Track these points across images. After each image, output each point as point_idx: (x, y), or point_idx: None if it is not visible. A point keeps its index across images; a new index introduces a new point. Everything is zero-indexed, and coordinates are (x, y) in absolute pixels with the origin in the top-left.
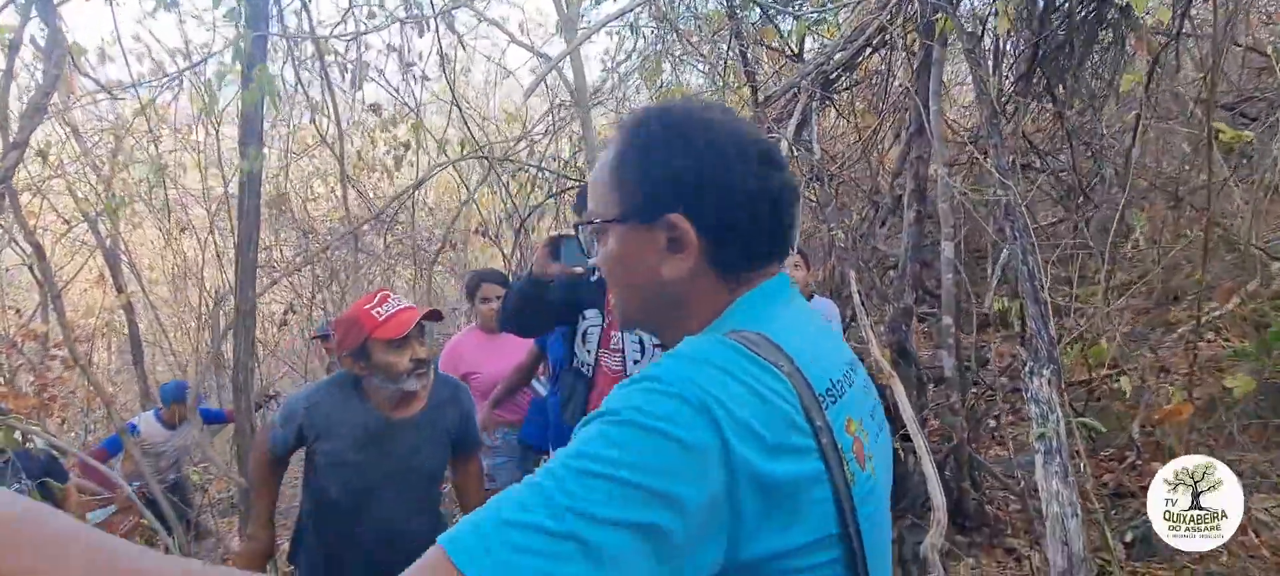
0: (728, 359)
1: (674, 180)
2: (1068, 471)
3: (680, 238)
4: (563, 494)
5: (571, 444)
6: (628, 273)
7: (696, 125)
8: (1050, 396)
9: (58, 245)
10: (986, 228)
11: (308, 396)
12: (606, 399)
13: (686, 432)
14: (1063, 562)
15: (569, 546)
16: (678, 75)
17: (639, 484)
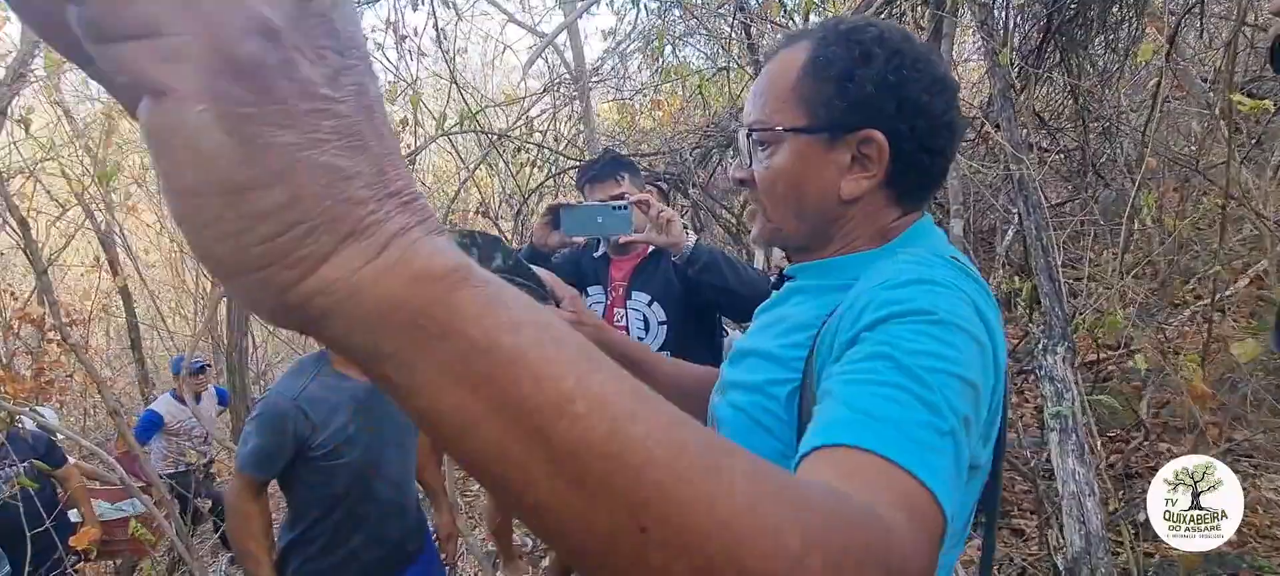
0: (963, 271)
1: (877, 97)
2: (1084, 450)
3: (872, 155)
4: (935, 393)
5: (900, 341)
6: (799, 187)
7: (912, 46)
8: (1065, 374)
9: (53, 228)
10: (996, 204)
11: (292, 395)
12: (899, 295)
13: (979, 332)
14: (1080, 542)
15: (949, 443)
16: (678, 51)
17: (970, 381)
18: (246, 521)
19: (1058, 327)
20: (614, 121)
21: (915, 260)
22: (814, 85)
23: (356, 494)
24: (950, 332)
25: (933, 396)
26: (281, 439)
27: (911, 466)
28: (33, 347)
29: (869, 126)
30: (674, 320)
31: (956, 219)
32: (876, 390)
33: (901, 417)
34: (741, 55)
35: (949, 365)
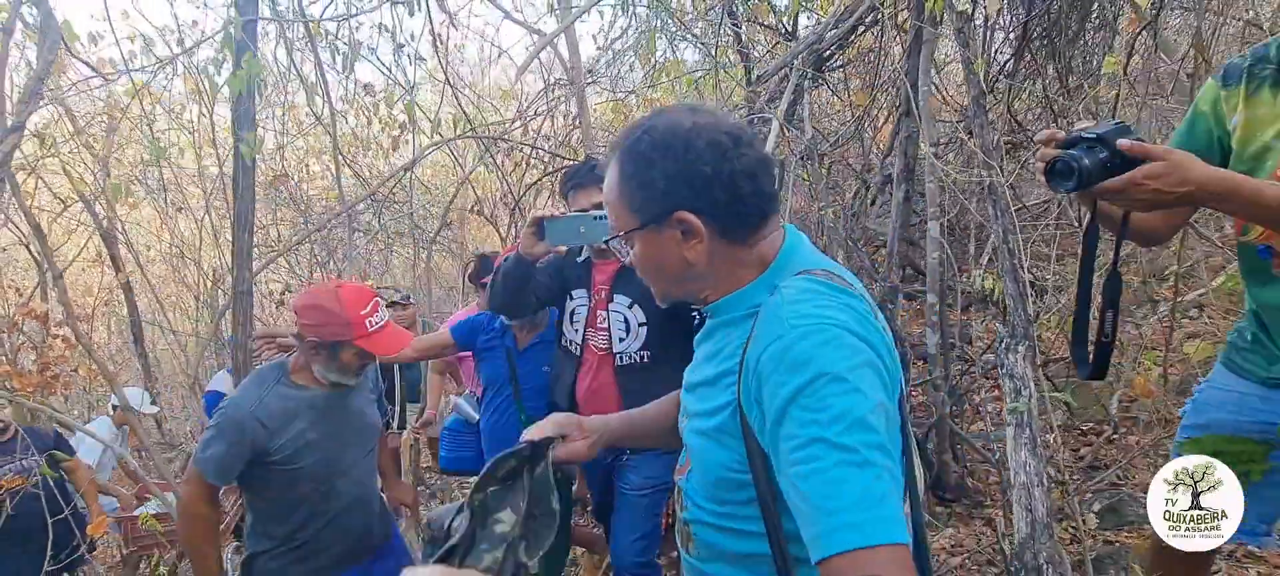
0: (835, 293)
1: (671, 186)
2: (1036, 443)
3: (691, 228)
4: (861, 451)
5: (821, 416)
6: (660, 267)
7: (674, 134)
8: (1024, 372)
9: (55, 225)
10: (970, 209)
11: (247, 404)
12: (799, 360)
13: (863, 353)
14: (1026, 528)
15: (886, 479)
16: (674, 48)
17: (875, 406)
18: (200, 522)
19: (1020, 327)
20: (609, 119)
21: (795, 305)
22: (627, 193)
23: (319, 493)
24: (847, 381)
25: (861, 455)
26: (238, 448)
27: (876, 540)
28: (38, 342)
29: (676, 209)
30: (653, 322)
31: (934, 221)
32: (825, 481)
33: (853, 499)
34: (732, 55)
35: (859, 412)
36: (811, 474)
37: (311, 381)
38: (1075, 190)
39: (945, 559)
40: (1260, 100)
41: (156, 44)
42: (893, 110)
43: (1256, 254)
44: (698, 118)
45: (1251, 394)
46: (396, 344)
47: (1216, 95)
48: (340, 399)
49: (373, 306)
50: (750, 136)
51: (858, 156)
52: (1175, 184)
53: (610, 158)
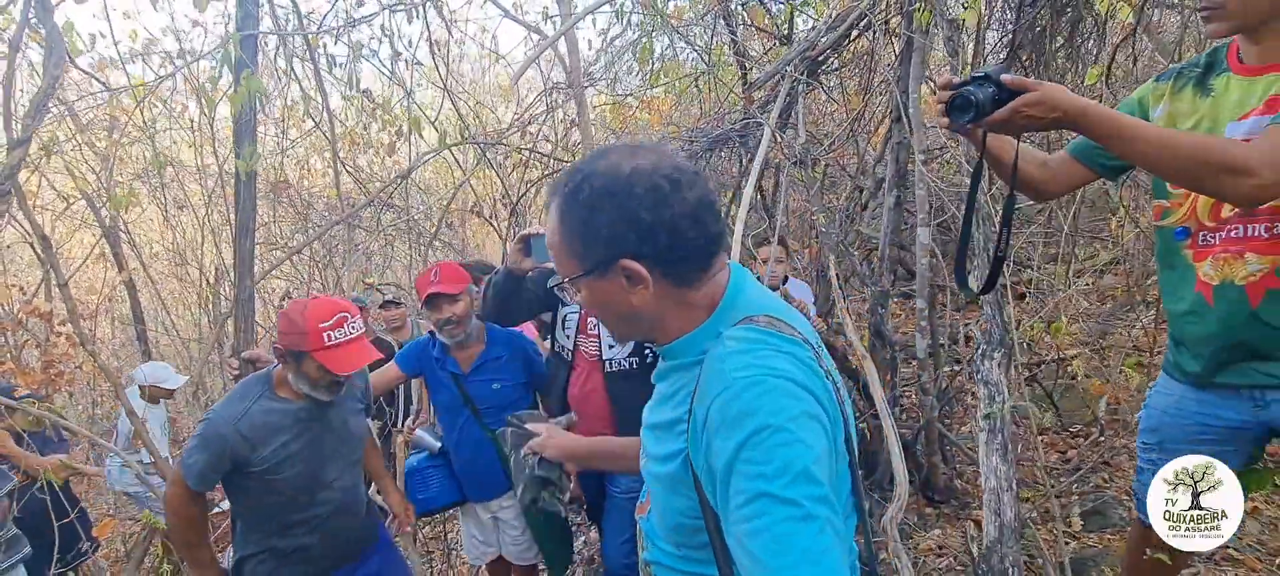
0: (777, 343)
1: (613, 233)
2: (1007, 449)
3: (635, 275)
4: (804, 504)
5: (765, 470)
6: (606, 310)
7: (614, 181)
8: (999, 378)
9: (58, 222)
10: (959, 214)
11: (229, 417)
12: (742, 413)
13: (804, 402)
14: (995, 532)
15: (828, 532)
16: (674, 47)
17: (817, 455)
18: (187, 521)
19: (996, 334)
20: (609, 120)
21: (737, 357)
22: (569, 240)
23: (302, 502)
24: (789, 431)
25: (805, 509)
26: (219, 460)
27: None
28: (41, 339)
29: (619, 257)
30: None
31: (923, 227)
32: (771, 537)
33: (797, 557)
34: (728, 57)
35: (801, 463)
36: (758, 531)
37: (294, 394)
38: (973, 121)
39: (931, 560)
40: (1183, 97)
41: (159, 43)
42: (887, 114)
43: (1173, 236)
44: (637, 161)
45: (1187, 397)
46: (352, 362)
47: (1149, 89)
48: (322, 411)
49: (337, 321)
50: (691, 177)
51: (852, 159)
52: (1047, 111)
53: (549, 203)
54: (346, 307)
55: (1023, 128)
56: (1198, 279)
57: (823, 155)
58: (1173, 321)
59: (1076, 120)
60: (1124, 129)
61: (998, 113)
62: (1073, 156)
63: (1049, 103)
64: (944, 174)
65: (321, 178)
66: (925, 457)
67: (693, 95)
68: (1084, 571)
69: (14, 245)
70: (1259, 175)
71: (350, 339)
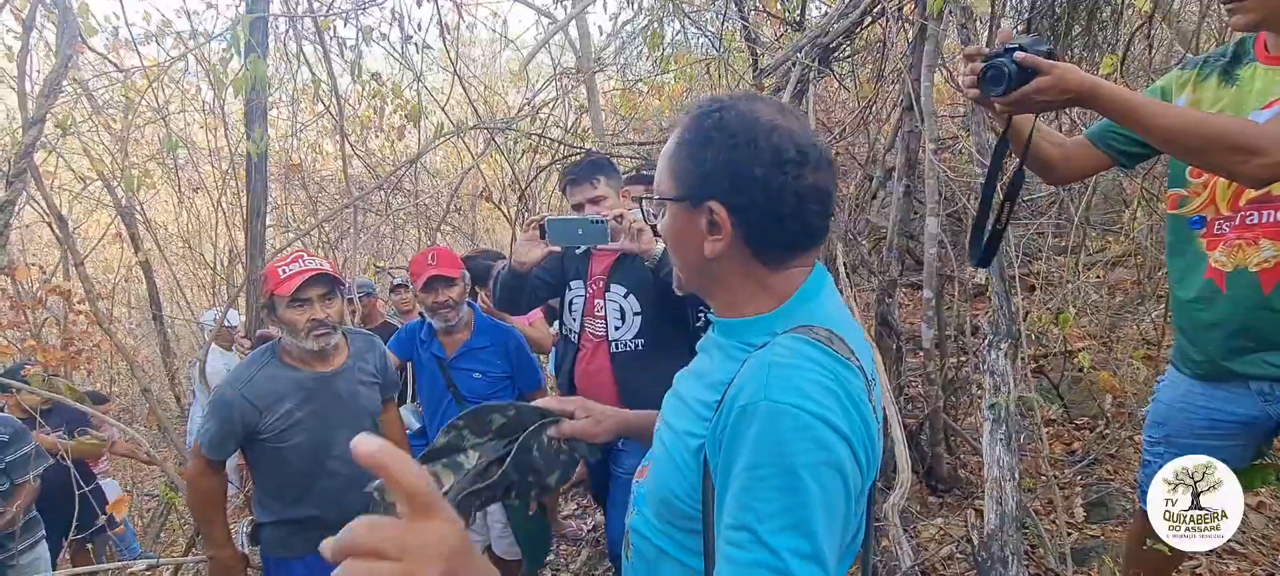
0: (828, 367)
1: (715, 173)
2: (1011, 439)
3: (717, 221)
4: (790, 552)
5: (759, 508)
6: (680, 244)
7: (744, 124)
8: (1005, 369)
9: (76, 203)
10: (969, 205)
11: (235, 383)
12: (767, 439)
13: (829, 447)
14: (995, 520)
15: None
16: (685, 31)
17: (811, 513)
18: (204, 495)
19: (1004, 325)
20: (619, 105)
21: (783, 371)
22: (679, 161)
23: (312, 470)
24: (799, 480)
25: (784, 563)
26: (230, 425)
27: None
28: (60, 317)
29: (711, 197)
30: (647, 311)
31: (932, 217)
32: (734, 571)
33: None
34: (739, 42)
35: (799, 513)
36: (731, 559)
37: (297, 362)
38: (1006, 93)
39: (934, 548)
40: (1207, 86)
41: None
42: (898, 102)
43: (1187, 225)
44: (779, 120)
45: (1195, 390)
46: (296, 279)
47: (1173, 77)
48: (327, 380)
49: (292, 259)
50: (820, 162)
51: (863, 147)
52: (1059, 93)
53: (680, 120)
54: (303, 253)
55: (1037, 108)
56: (1209, 266)
57: (833, 143)
58: (1180, 310)
59: (1087, 100)
60: (1134, 105)
61: (1011, 94)
62: (1089, 141)
63: (1059, 85)
64: (955, 164)
65: (334, 161)
66: (930, 446)
67: (704, 81)
68: (1085, 561)
69: (33, 225)
70: (1268, 154)
71: (301, 268)
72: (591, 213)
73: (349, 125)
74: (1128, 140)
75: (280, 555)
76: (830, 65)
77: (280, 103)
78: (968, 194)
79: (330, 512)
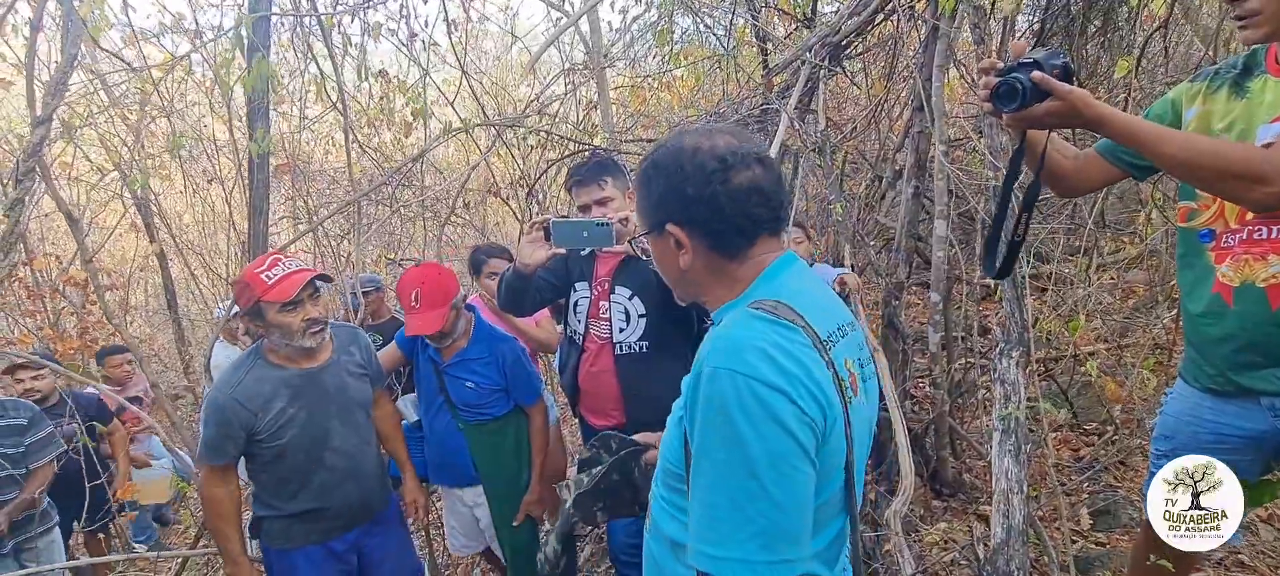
0: (764, 331)
1: (662, 202)
2: (1021, 450)
3: (678, 239)
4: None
5: (708, 462)
6: (662, 266)
7: (670, 156)
8: (1016, 378)
9: (93, 193)
10: (980, 208)
11: (225, 387)
12: (710, 398)
13: (777, 408)
14: (1002, 533)
15: (758, 521)
16: (697, 27)
17: (757, 465)
18: (212, 505)
19: (1015, 333)
20: (629, 101)
21: (723, 340)
22: (639, 202)
23: (307, 465)
24: (737, 431)
25: (737, 499)
26: (225, 429)
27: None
28: (77, 307)
29: (666, 221)
30: (651, 313)
31: (940, 219)
32: (701, 523)
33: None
34: (749, 39)
35: (743, 467)
36: (697, 502)
37: (283, 360)
38: (1019, 109)
39: (937, 553)
40: (1218, 98)
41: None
42: (909, 101)
43: (1197, 238)
44: (701, 141)
45: (1203, 404)
46: (295, 283)
47: (1184, 89)
48: (314, 375)
49: (269, 264)
50: (747, 162)
51: (873, 146)
52: (1067, 118)
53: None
54: (277, 254)
55: (1047, 127)
56: (1217, 280)
57: (842, 143)
58: (1190, 324)
59: (1094, 128)
60: (1141, 134)
61: (1022, 112)
62: (1101, 154)
63: (1069, 111)
64: (965, 165)
65: (342, 155)
66: (934, 450)
67: (714, 77)
68: (1090, 570)
69: (52, 214)
70: (1274, 183)
71: (288, 272)
72: (598, 214)
73: (357, 120)
74: (1137, 154)
75: (281, 546)
76: (841, 63)
77: (289, 96)
78: (978, 195)
79: (328, 504)
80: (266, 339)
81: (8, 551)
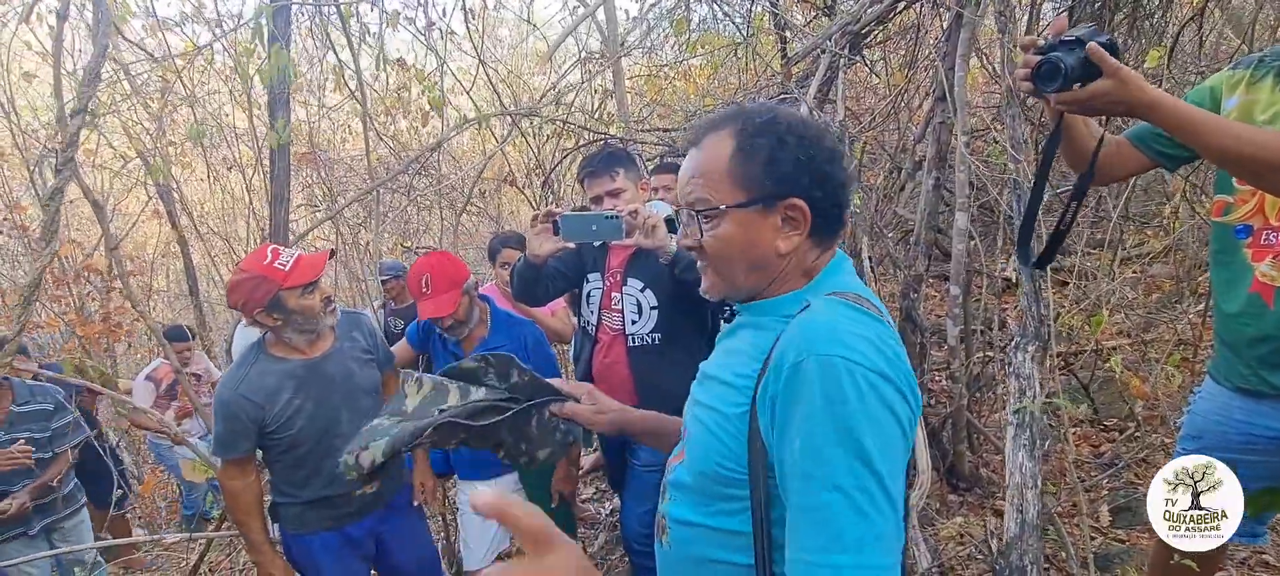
0: (863, 322)
1: (795, 172)
2: (1035, 445)
3: (798, 217)
4: (855, 488)
5: (823, 464)
6: (748, 247)
7: (806, 127)
8: (1032, 372)
9: (116, 180)
10: (1001, 200)
11: (231, 384)
12: (815, 382)
13: (884, 393)
14: (1016, 528)
15: (871, 519)
16: (714, 15)
17: (871, 453)
18: (234, 497)
19: (1032, 326)
20: (645, 90)
21: (833, 327)
22: (743, 165)
23: (319, 454)
24: (854, 424)
25: (851, 497)
26: (234, 423)
27: None
28: (101, 292)
29: (792, 195)
30: (664, 305)
31: (961, 211)
32: (817, 516)
33: (850, 540)
34: (768, 27)
35: (861, 461)
36: (804, 508)
37: (286, 352)
38: (1061, 89)
39: (953, 547)
40: (1262, 87)
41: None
42: (930, 92)
43: (1233, 234)
44: (818, 121)
45: (1233, 404)
46: (315, 265)
47: (1224, 77)
48: (317, 365)
49: (273, 254)
50: (844, 151)
51: (893, 137)
52: (1113, 102)
53: (709, 133)
54: (271, 246)
55: (1091, 111)
56: (1255, 278)
57: (862, 133)
58: (1223, 323)
59: (1142, 113)
60: (1197, 123)
61: (1068, 93)
62: (1131, 142)
63: (1118, 94)
64: (988, 155)
65: (359, 143)
66: (951, 444)
67: (731, 66)
68: (1109, 568)
69: (76, 200)
70: None
71: (299, 256)
72: (609, 205)
73: (374, 108)
74: (1173, 144)
75: (297, 531)
76: (861, 52)
77: (308, 84)
78: (999, 187)
79: (341, 490)
80: (281, 331)
81: (37, 532)
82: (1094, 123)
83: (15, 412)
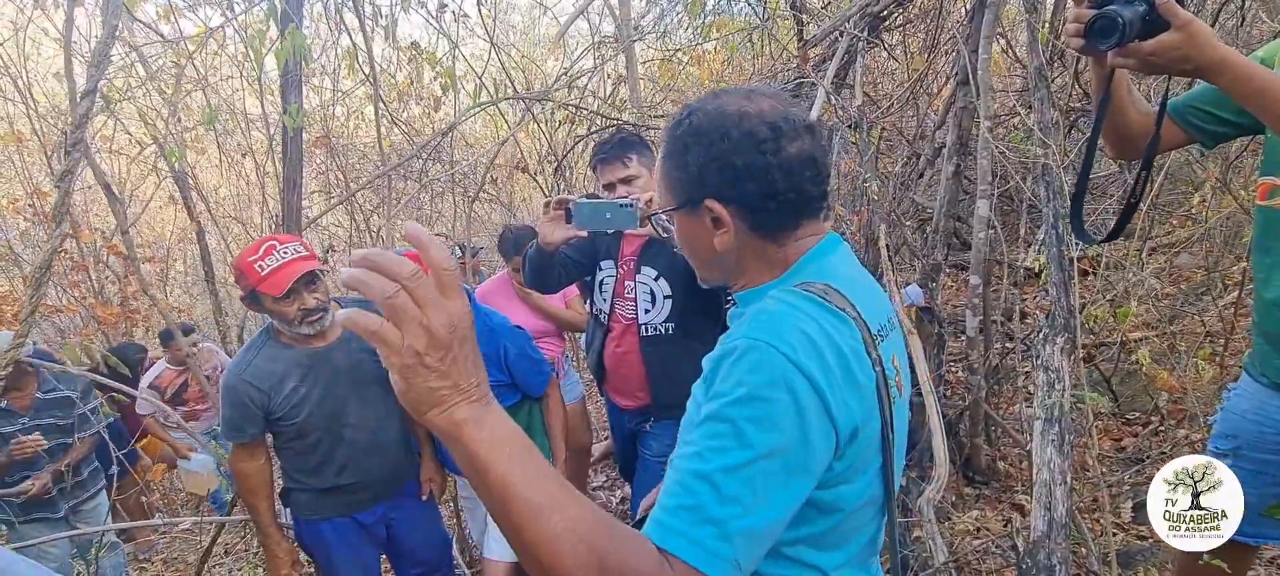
0: (814, 313)
1: (702, 174)
2: (1064, 441)
3: (718, 217)
4: (725, 499)
5: (707, 447)
6: (692, 249)
7: (713, 121)
8: (1060, 364)
9: (132, 166)
10: (1025, 187)
11: (237, 370)
12: (725, 381)
13: (795, 397)
14: (1043, 526)
15: (725, 527)
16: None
17: (758, 454)
18: (242, 479)
19: (1061, 318)
20: (658, 75)
21: (762, 317)
22: (668, 173)
23: (328, 441)
24: (758, 417)
25: (724, 498)
26: (242, 408)
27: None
28: (119, 277)
29: (706, 197)
30: (677, 295)
31: (983, 199)
32: (675, 497)
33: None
34: (784, 9)
35: (735, 437)
36: (674, 465)
37: (294, 341)
38: (1118, 46)
39: (968, 540)
40: None
41: None
42: (952, 76)
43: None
44: (745, 104)
45: (1272, 403)
46: (285, 277)
47: (1276, 47)
48: (324, 354)
49: (264, 252)
50: (799, 130)
51: (912, 122)
52: (1180, 59)
53: (665, 133)
54: (275, 238)
55: (1151, 70)
56: None
57: (880, 118)
58: (1265, 313)
59: (1212, 74)
60: (1274, 86)
61: (1131, 47)
62: (1169, 115)
63: (1186, 49)
64: (1011, 141)
65: (372, 128)
66: (969, 436)
67: (746, 50)
68: (1131, 565)
69: (95, 187)
70: None
71: (282, 263)
72: (623, 192)
73: (387, 93)
74: (1213, 118)
75: (309, 517)
76: (880, 35)
77: (321, 70)
78: (1022, 174)
79: (352, 478)
80: (275, 322)
81: (61, 515)
82: (1137, 93)
83: (41, 399)
